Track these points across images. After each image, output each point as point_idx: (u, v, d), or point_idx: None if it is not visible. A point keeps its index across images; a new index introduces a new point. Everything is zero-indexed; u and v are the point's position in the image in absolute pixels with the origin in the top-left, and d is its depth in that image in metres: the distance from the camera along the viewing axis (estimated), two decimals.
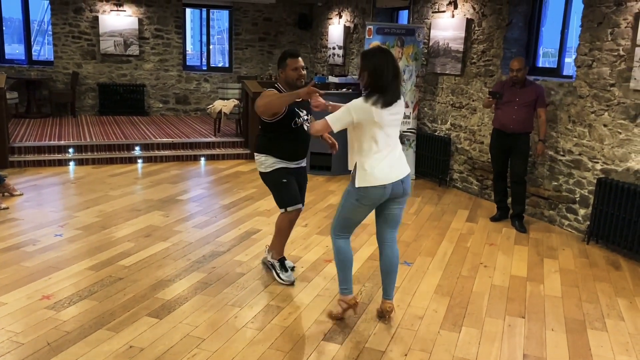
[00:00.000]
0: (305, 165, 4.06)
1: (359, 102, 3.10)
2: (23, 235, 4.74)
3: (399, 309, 3.63)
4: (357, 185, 3.17)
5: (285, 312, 3.52)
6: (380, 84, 3.08)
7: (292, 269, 4.14)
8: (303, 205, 4.00)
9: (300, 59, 3.76)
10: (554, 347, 3.25)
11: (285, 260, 4.06)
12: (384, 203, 3.29)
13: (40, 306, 3.46)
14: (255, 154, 3.93)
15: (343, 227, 3.35)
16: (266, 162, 3.85)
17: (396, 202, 3.31)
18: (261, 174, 3.94)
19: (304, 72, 3.77)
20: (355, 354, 3.07)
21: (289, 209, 3.85)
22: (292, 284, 3.92)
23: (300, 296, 3.77)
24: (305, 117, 3.86)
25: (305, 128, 3.82)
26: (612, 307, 3.81)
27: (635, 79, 4.67)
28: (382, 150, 3.16)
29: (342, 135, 3.28)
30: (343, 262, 3.38)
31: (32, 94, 10.57)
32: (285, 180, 3.83)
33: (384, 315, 3.48)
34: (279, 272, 3.98)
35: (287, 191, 3.84)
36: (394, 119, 3.18)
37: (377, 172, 3.15)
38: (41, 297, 3.59)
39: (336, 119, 3.12)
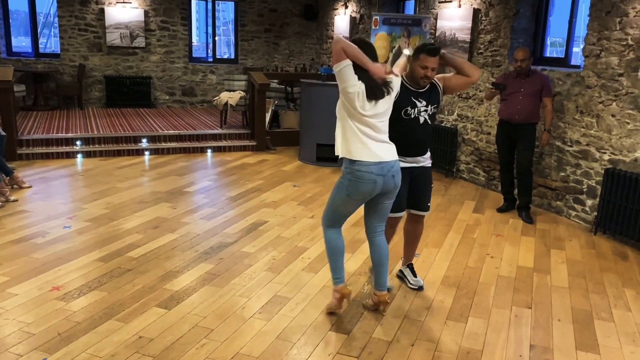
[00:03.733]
0: (428, 165, 3.66)
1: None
2: (32, 227, 4.79)
3: (405, 300, 3.65)
4: (344, 155, 3.16)
5: (293, 303, 3.54)
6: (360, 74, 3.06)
7: (421, 287, 3.83)
8: (427, 209, 3.71)
9: (434, 58, 3.41)
10: (560, 337, 3.26)
11: (411, 266, 3.90)
12: (375, 199, 3.25)
13: (51, 297, 3.50)
14: None
15: (332, 220, 3.33)
16: None
17: (387, 196, 3.26)
18: None
19: (433, 73, 3.45)
20: (363, 344, 3.09)
21: None
22: (421, 288, 3.79)
23: (307, 287, 3.79)
24: (424, 109, 3.50)
25: (422, 120, 3.50)
26: (619, 298, 3.81)
27: None
28: (369, 135, 3.12)
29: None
30: (333, 251, 3.34)
31: (39, 86, 10.61)
32: None
33: (378, 307, 3.43)
34: (407, 277, 3.86)
35: None
36: (376, 113, 3.12)
37: (363, 146, 3.11)
38: (51, 288, 3.63)
39: (343, 60, 3.03)
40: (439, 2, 7.45)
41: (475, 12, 6.74)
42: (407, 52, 3.50)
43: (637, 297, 3.83)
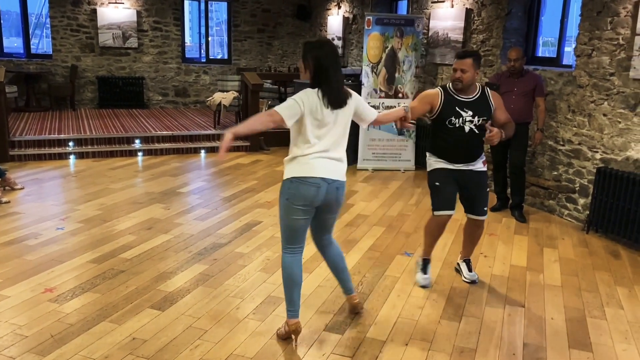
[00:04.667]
0: (479, 169, 3.71)
1: (307, 91, 2.87)
2: (25, 228, 4.76)
3: (399, 300, 3.66)
4: (286, 177, 2.95)
5: None
6: (324, 80, 2.86)
7: (474, 281, 3.93)
8: (482, 214, 3.77)
9: (462, 61, 3.52)
10: (553, 335, 3.27)
11: (429, 263, 3.93)
12: (317, 214, 3.04)
13: (43, 299, 3.48)
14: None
15: (287, 239, 3.03)
16: (429, 161, 3.78)
17: (329, 210, 3.06)
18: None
19: (463, 75, 3.52)
20: (357, 343, 3.09)
21: (435, 213, 3.71)
22: (424, 287, 3.83)
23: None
24: (470, 119, 3.57)
25: (467, 130, 3.58)
26: (612, 296, 3.83)
27: (634, 68, 4.67)
28: (318, 146, 2.90)
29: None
30: (287, 280, 3.05)
31: (31, 87, 10.55)
32: (438, 184, 3.69)
33: (356, 309, 3.40)
34: (417, 271, 3.91)
35: (438, 195, 3.69)
36: (335, 121, 2.91)
37: (312, 164, 2.90)
38: (44, 290, 3.61)
39: (284, 108, 2.82)
40: (432, 2, 7.47)
41: (468, 12, 6.76)
42: (405, 107, 3.40)
43: (629, 295, 3.86)
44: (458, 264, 4.12)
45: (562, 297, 3.79)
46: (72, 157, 7.58)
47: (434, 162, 3.75)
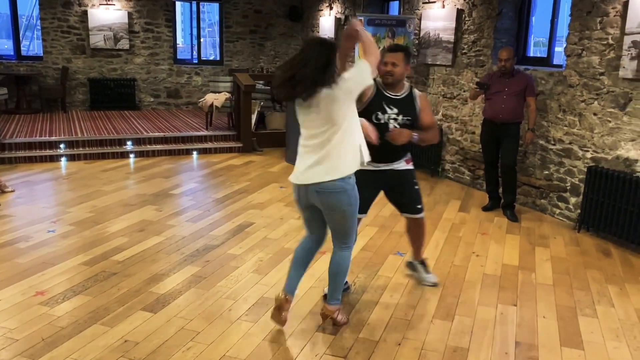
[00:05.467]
0: (402, 168, 3.63)
1: None
2: (16, 231, 4.73)
3: (392, 299, 3.66)
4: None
5: None
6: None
7: (435, 284, 3.87)
8: (416, 212, 3.74)
9: (393, 54, 3.43)
10: (545, 334, 3.29)
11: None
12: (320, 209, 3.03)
13: (34, 302, 3.46)
14: None
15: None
16: None
17: (325, 211, 3.00)
18: None
19: (394, 68, 3.41)
20: (350, 344, 3.10)
21: None
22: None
23: None
24: (394, 116, 3.45)
25: (390, 128, 3.42)
26: (603, 294, 3.85)
27: (624, 67, 4.70)
28: (301, 147, 2.96)
29: None
30: (293, 257, 3.24)
31: (21, 89, 10.48)
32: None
33: (334, 322, 3.25)
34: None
35: None
36: (310, 120, 2.87)
37: (296, 165, 2.96)
38: (35, 293, 3.59)
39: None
40: (423, 3, 7.49)
41: (459, 12, 6.79)
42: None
43: (620, 293, 3.88)
44: (412, 263, 4.02)
45: (554, 295, 3.81)
46: (63, 159, 7.53)
47: None
